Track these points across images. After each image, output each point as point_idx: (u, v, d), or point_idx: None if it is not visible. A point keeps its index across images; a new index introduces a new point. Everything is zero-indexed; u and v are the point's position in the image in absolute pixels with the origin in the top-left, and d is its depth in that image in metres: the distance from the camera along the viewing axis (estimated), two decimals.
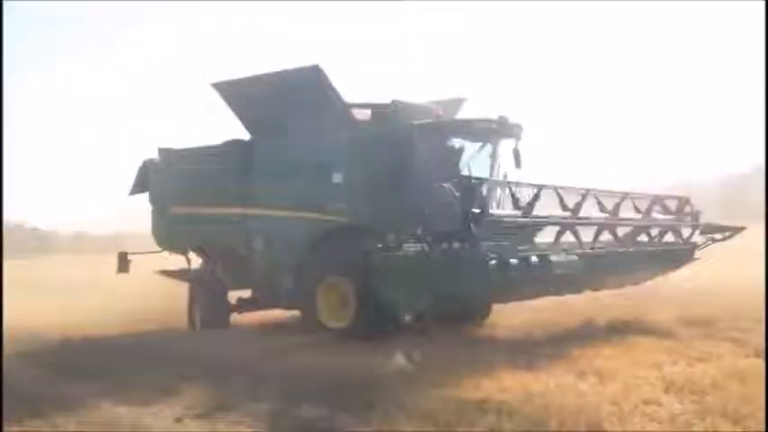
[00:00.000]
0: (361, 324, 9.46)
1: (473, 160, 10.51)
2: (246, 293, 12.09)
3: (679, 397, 6.33)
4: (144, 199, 13.15)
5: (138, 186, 13.19)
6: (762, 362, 7.32)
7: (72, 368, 8.90)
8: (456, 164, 10.34)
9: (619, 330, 9.47)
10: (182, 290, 12.71)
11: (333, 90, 10.08)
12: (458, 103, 12.35)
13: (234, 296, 12.25)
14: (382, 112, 10.24)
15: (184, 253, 12.65)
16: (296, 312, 11.12)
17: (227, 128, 11.85)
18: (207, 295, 12.10)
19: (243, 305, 12.09)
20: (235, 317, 12.20)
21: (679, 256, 11.09)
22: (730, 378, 6.72)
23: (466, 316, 10.79)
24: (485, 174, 10.34)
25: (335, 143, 10.06)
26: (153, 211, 12.94)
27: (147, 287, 14.17)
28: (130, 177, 13.27)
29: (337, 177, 10.10)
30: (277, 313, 11.94)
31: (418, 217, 8.94)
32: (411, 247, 8.92)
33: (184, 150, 12.50)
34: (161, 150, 12.77)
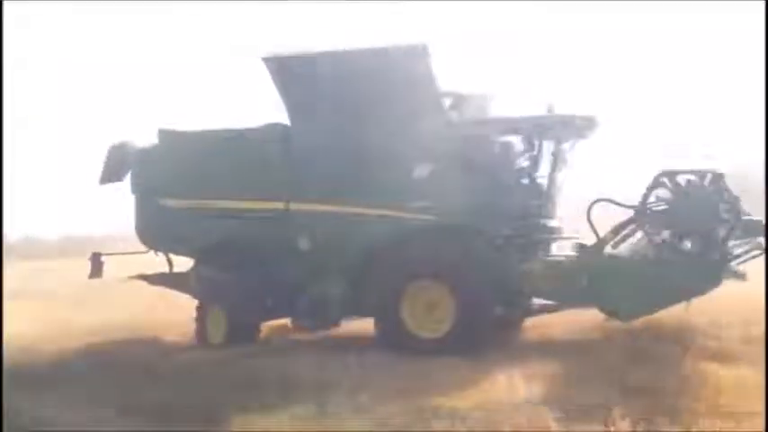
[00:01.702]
0: (460, 331, 8.65)
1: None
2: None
3: (633, 399, 6.43)
4: (110, 195, 11.44)
5: (112, 174, 11.03)
6: (713, 366, 7.46)
7: (33, 381, 8.59)
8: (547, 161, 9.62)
9: (581, 335, 9.57)
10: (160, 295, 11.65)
11: (434, 75, 8.95)
12: (485, 99, 10.79)
13: None
14: (460, 102, 9.66)
15: (187, 254, 10.83)
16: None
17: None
18: (232, 304, 10.27)
19: (269, 314, 10.48)
20: None
21: None
22: (684, 381, 6.92)
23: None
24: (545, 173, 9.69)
25: (428, 134, 8.95)
26: (138, 204, 10.83)
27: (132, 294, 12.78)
28: (85, 169, 11.74)
29: (423, 171, 9.14)
30: None
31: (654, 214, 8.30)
32: (630, 247, 8.50)
33: (199, 133, 10.64)
34: (162, 132, 10.70)
